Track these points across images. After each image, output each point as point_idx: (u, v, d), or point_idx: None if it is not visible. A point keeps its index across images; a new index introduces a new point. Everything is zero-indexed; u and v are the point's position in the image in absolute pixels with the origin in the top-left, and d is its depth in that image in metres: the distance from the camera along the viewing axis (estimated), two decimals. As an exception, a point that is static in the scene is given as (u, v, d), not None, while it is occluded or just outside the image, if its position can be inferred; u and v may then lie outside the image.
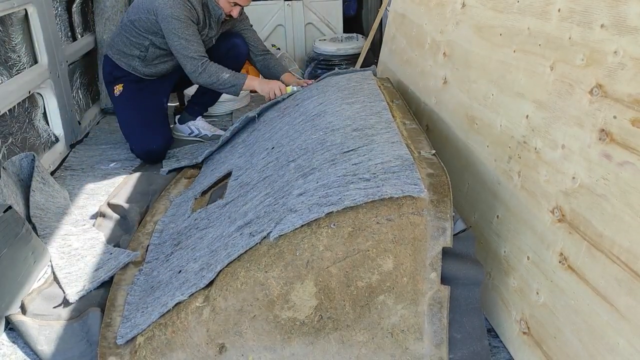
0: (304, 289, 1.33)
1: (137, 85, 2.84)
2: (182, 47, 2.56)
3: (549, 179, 1.38)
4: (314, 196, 1.43)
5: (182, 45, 2.56)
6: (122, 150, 2.97)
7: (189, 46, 2.56)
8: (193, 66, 2.58)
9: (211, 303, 1.38)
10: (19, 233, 1.73)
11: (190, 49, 2.56)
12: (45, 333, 1.57)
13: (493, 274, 1.59)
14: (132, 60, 2.79)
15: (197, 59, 2.57)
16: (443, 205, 1.33)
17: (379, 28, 3.96)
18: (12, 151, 2.41)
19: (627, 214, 1.10)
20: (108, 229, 2.14)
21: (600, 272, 1.16)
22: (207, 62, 2.59)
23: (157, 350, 1.39)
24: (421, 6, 2.51)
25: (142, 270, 1.80)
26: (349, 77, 2.46)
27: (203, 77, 2.59)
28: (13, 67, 2.53)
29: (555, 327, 1.29)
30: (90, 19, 3.55)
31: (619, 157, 1.14)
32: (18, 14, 2.59)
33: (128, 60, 2.80)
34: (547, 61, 1.45)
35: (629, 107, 1.12)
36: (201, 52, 2.59)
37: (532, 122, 1.48)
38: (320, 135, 1.83)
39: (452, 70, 2.07)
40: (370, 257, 1.32)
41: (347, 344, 1.34)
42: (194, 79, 2.63)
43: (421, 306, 1.32)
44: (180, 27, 2.54)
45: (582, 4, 1.33)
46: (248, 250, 1.42)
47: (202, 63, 2.57)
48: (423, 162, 1.52)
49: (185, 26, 2.55)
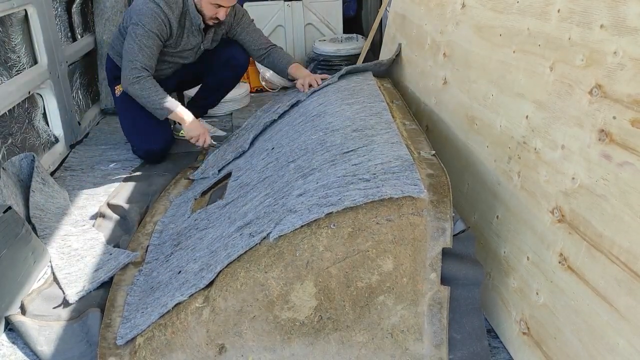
0: (304, 290, 1.33)
1: None
2: (132, 52, 2.47)
3: (548, 179, 1.38)
4: (314, 197, 1.43)
5: (133, 50, 2.47)
6: (122, 151, 2.97)
7: (138, 54, 2.47)
8: (131, 73, 2.48)
9: (211, 303, 1.38)
10: (18, 233, 1.73)
11: (139, 57, 2.47)
12: (45, 333, 1.57)
13: (493, 274, 1.59)
14: None
15: (139, 69, 2.48)
16: (443, 205, 1.33)
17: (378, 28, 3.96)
18: (12, 152, 2.41)
19: (626, 214, 1.10)
20: (108, 229, 2.14)
21: (600, 273, 1.16)
22: (146, 77, 2.49)
23: (157, 350, 1.39)
24: (421, 6, 2.51)
25: (141, 271, 1.80)
26: (349, 78, 2.47)
27: (135, 88, 2.49)
28: (13, 67, 2.53)
29: (555, 327, 1.29)
30: (90, 20, 3.55)
31: (619, 157, 1.14)
32: (18, 15, 2.59)
33: None
34: (546, 61, 1.45)
35: (629, 107, 1.12)
36: (146, 65, 2.49)
37: (532, 123, 1.49)
38: (320, 135, 1.83)
39: (452, 71, 2.07)
40: (370, 257, 1.32)
41: (346, 345, 1.34)
42: (125, 85, 2.52)
43: (421, 306, 1.32)
44: (140, 34, 2.46)
45: (581, 5, 1.33)
46: (248, 250, 1.42)
47: (142, 76, 2.48)
48: (423, 162, 1.52)
49: (146, 36, 2.47)
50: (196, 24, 2.61)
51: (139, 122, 2.75)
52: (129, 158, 2.88)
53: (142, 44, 2.47)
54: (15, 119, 2.52)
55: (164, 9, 2.48)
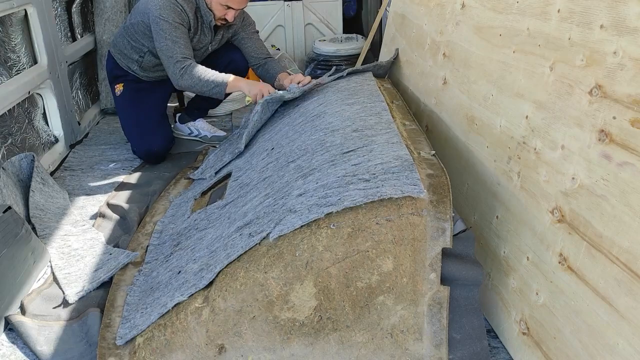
0: (304, 290, 1.33)
1: (136, 85, 2.84)
2: (168, 48, 2.47)
3: (548, 179, 1.38)
4: (314, 197, 1.43)
5: (168, 47, 2.47)
6: (121, 151, 2.97)
7: (174, 47, 2.47)
8: (175, 68, 2.48)
9: (210, 304, 1.38)
10: (18, 233, 1.73)
11: (176, 50, 2.47)
12: (45, 334, 1.57)
13: (493, 275, 1.59)
14: (131, 63, 2.78)
15: (181, 61, 2.47)
16: (443, 205, 1.33)
17: (378, 29, 3.96)
18: (12, 151, 2.41)
19: (626, 215, 1.10)
20: (107, 229, 2.14)
21: (599, 273, 1.16)
22: (191, 64, 2.49)
23: (157, 351, 1.39)
24: (421, 7, 2.51)
25: (141, 271, 1.80)
26: (349, 78, 2.47)
27: (185, 80, 2.48)
28: (13, 67, 2.53)
29: (555, 327, 1.29)
30: (90, 19, 3.55)
31: (619, 157, 1.14)
32: (18, 15, 2.59)
33: (127, 62, 2.80)
34: (546, 62, 1.45)
35: (629, 107, 1.12)
36: (186, 55, 2.49)
37: (532, 123, 1.48)
38: (320, 135, 1.83)
39: (451, 71, 2.07)
40: (370, 257, 1.32)
41: (346, 345, 1.34)
42: (176, 82, 2.51)
43: (421, 307, 1.32)
44: (167, 29, 2.47)
45: (581, 5, 1.33)
46: (247, 250, 1.42)
47: (185, 66, 2.47)
48: (423, 162, 1.52)
49: (173, 28, 2.47)
50: (207, 21, 2.62)
51: (139, 122, 2.75)
52: (129, 158, 2.88)
53: (173, 36, 2.48)
54: (15, 119, 2.52)
55: (180, 1, 2.50)
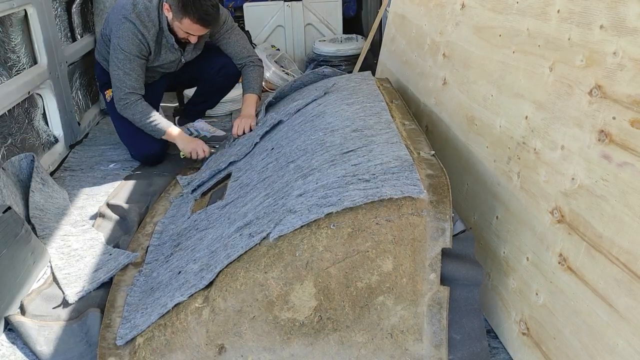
0: (304, 290, 1.33)
1: None
2: (119, 78, 2.55)
3: (548, 179, 1.38)
4: (314, 197, 1.43)
5: (119, 77, 2.54)
6: (121, 151, 2.97)
7: (125, 79, 2.54)
8: (120, 100, 2.57)
9: (211, 304, 1.38)
10: (18, 234, 1.73)
11: (126, 82, 2.54)
12: (45, 334, 1.56)
13: (492, 275, 1.59)
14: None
15: (128, 94, 2.55)
16: (442, 206, 1.33)
17: (378, 29, 3.96)
18: (12, 152, 2.41)
19: (626, 215, 1.10)
20: (107, 229, 2.14)
21: (599, 273, 1.16)
22: (136, 100, 2.56)
23: (157, 351, 1.39)
24: (421, 7, 2.51)
25: (141, 271, 1.79)
26: (349, 77, 2.46)
27: (127, 113, 2.58)
28: (13, 67, 2.53)
29: (555, 327, 1.29)
30: (89, 20, 3.55)
31: (619, 157, 1.14)
32: (18, 15, 2.59)
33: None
34: (546, 62, 1.45)
35: (629, 107, 1.13)
36: (135, 89, 2.56)
37: (532, 123, 1.49)
38: (320, 136, 1.83)
39: (451, 71, 2.07)
40: (370, 257, 1.32)
41: (346, 345, 1.34)
42: (118, 108, 2.61)
43: (421, 307, 1.32)
44: (123, 59, 2.52)
45: (581, 5, 1.33)
46: (247, 251, 1.42)
47: (129, 101, 2.55)
48: (422, 162, 1.52)
49: (127, 60, 2.52)
50: (170, 42, 2.63)
51: (131, 128, 2.72)
52: (128, 158, 2.88)
53: (125, 68, 2.53)
54: (15, 119, 2.52)
55: (140, 28, 2.50)
